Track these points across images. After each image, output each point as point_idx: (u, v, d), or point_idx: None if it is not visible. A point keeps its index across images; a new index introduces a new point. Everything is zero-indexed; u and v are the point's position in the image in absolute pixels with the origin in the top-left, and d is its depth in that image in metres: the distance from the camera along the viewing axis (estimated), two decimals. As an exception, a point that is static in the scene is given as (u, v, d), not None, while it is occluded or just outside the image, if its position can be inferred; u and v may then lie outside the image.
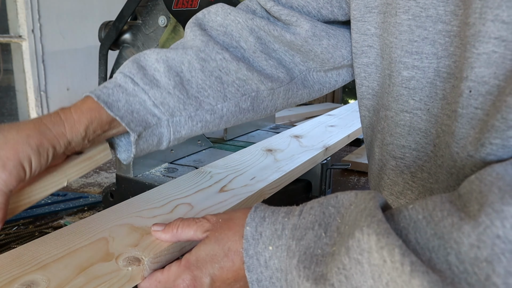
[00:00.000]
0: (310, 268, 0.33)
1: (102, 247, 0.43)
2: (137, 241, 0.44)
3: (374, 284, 0.29)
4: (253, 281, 0.36)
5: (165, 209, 0.53)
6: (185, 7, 0.78)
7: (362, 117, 0.56)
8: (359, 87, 0.54)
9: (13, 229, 0.76)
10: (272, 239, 0.36)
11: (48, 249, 0.42)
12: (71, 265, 0.39)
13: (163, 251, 0.43)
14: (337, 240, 0.33)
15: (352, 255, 0.30)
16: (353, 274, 0.30)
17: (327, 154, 0.85)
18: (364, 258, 0.30)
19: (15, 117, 2.38)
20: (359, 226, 0.31)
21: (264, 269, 0.35)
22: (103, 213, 0.51)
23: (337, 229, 0.34)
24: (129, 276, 0.39)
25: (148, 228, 0.47)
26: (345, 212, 0.34)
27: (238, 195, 0.59)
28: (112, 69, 0.94)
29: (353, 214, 0.33)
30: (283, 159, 0.75)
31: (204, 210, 0.53)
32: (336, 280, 0.31)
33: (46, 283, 0.36)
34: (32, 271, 0.38)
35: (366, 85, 0.53)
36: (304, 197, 0.82)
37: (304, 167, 0.76)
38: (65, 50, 2.46)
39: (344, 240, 0.32)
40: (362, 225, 0.31)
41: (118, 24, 0.85)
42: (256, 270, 0.36)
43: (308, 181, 0.83)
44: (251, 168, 0.69)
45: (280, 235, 0.35)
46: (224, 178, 0.64)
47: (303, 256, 0.33)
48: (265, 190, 0.63)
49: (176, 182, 0.62)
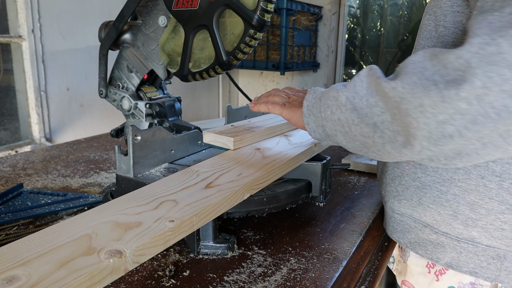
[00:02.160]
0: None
1: (85, 243, 0.44)
2: (120, 235, 0.45)
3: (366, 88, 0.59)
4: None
5: (150, 206, 0.53)
6: (185, 7, 0.78)
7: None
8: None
9: (13, 229, 0.76)
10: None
11: (31, 247, 0.43)
12: (53, 260, 0.40)
13: (146, 244, 0.44)
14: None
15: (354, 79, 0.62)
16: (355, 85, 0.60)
17: (317, 150, 0.85)
18: (358, 78, 0.60)
19: (15, 117, 2.38)
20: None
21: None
22: (88, 213, 0.52)
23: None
24: (110, 268, 0.41)
25: (132, 224, 0.48)
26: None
27: (224, 190, 0.59)
28: (112, 69, 0.94)
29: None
30: (270, 156, 0.76)
31: (188, 205, 0.54)
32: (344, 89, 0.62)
33: (26, 278, 0.38)
34: (14, 267, 0.39)
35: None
36: (304, 197, 0.83)
37: (294, 162, 0.76)
38: (65, 50, 2.46)
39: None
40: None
41: (118, 24, 0.85)
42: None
43: (308, 181, 0.83)
44: (238, 166, 0.69)
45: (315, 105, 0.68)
46: (210, 176, 0.65)
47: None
48: (251, 185, 0.64)
49: (163, 181, 0.62)
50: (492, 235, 0.64)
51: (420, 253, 0.73)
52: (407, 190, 0.72)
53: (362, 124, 0.59)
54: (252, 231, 0.78)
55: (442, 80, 0.49)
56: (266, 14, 0.72)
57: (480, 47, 0.46)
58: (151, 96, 0.93)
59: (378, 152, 0.61)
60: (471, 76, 0.46)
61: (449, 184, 0.66)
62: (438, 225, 0.68)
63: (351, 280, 0.65)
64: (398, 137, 0.56)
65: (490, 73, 0.45)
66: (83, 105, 2.62)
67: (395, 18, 4.35)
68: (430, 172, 0.68)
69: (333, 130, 0.64)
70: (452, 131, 0.50)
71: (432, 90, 0.49)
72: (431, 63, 0.51)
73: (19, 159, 1.22)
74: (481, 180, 0.63)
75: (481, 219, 0.64)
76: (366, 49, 4.28)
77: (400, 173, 0.73)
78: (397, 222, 0.76)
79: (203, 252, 0.69)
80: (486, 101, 0.47)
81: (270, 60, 3.36)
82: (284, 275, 0.64)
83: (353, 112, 0.59)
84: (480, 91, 0.46)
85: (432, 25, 0.68)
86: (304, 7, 3.36)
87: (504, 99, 0.46)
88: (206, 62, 0.79)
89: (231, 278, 0.62)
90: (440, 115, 0.50)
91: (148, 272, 0.64)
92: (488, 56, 0.46)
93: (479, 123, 0.48)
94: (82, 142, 1.46)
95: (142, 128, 0.86)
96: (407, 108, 0.52)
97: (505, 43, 0.45)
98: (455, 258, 0.68)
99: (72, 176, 1.08)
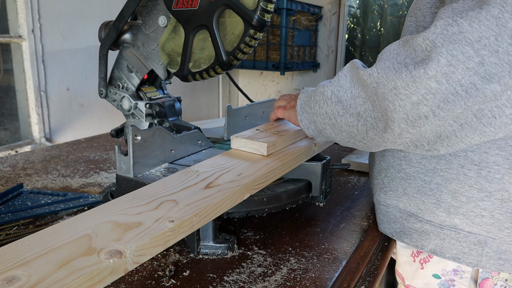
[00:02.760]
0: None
1: (85, 243, 0.44)
2: (120, 236, 0.45)
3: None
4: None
5: (150, 206, 0.53)
6: (185, 7, 0.78)
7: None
8: None
9: (13, 229, 0.76)
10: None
11: (31, 247, 0.43)
12: (53, 260, 0.40)
13: (146, 244, 0.44)
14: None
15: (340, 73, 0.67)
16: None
17: (317, 150, 0.85)
18: (342, 73, 0.66)
19: (15, 117, 2.38)
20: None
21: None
22: (88, 213, 0.52)
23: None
24: (110, 268, 0.41)
25: (132, 224, 0.48)
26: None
27: (224, 190, 0.59)
28: (112, 69, 0.94)
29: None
30: (270, 155, 0.75)
31: (189, 205, 0.54)
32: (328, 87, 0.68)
33: (27, 278, 0.38)
34: (14, 267, 0.39)
35: None
36: (304, 197, 0.83)
37: (294, 162, 0.76)
38: (65, 50, 2.46)
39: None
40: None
41: (118, 24, 0.85)
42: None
43: (308, 181, 0.83)
44: (238, 166, 0.69)
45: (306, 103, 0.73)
46: (210, 176, 0.65)
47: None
48: (251, 185, 0.64)
49: (162, 181, 0.62)
50: (473, 221, 0.66)
51: (406, 241, 0.74)
52: (393, 182, 0.74)
53: (347, 115, 0.64)
54: (252, 231, 0.78)
55: (412, 62, 0.54)
56: (266, 14, 0.72)
57: (443, 27, 0.51)
58: (151, 96, 0.93)
59: (363, 141, 0.65)
60: (437, 55, 0.51)
61: (432, 174, 0.68)
62: (422, 214, 0.70)
63: (351, 280, 0.65)
64: (379, 123, 0.60)
65: (454, 51, 0.50)
66: (83, 105, 2.62)
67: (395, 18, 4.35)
68: (414, 163, 0.70)
69: (322, 124, 0.70)
70: (427, 111, 0.54)
71: (403, 72, 0.54)
72: (404, 49, 0.56)
73: (19, 159, 1.22)
74: (461, 169, 0.65)
75: (462, 206, 0.66)
76: (366, 49, 4.28)
77: (386, 166, 0.75)
78: (383, 213, 0.78)
79: (203, 252, 0.69)
80: (453, 79, 0.50)
81: (270, 60, 3.36)
82: (284, 275, 0.64)
83: (338, 104, 0.65)
84: (446, 69, 0.50)
85: (413, 26, 0.70)
86: (304, 7, 3.36)
87: (470, 76, 0.50)
88: (206, 62, 0.79)
89: (231, 278, 0.62)
90: (414, 96, 0.54)
91: (148, 272, 0.64)
92: (451, 36, 0.50)
93: (450, 102, 0.52)
94: (82, 142, 1.46)
95: (142, 128, 0.86)
96: (383, 92, 0.57)
97: (465, 23, 0.49)
98: (438, 245, 0.70)
99: (72, 176, 1.08)
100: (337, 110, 0.65)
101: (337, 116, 0.66)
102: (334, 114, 0.66)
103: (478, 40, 0.48)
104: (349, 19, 3.89)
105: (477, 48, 0.48)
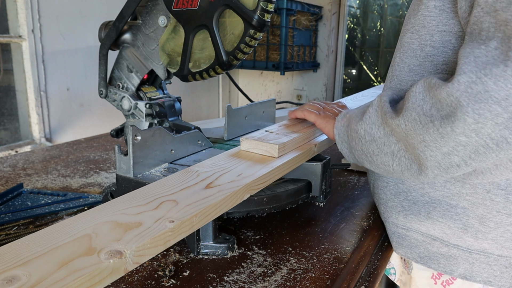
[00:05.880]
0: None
1: (85, 243, 0.44)
2: (120, 236, 0.45)
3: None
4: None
5: (150, 206, 0.53)
6: (185, 7, 0.78)
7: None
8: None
9: (13, 229, 0.76)
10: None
11: (31, 247, 0.43)
12: (53, 260, 0.40)
13: (146, 244, 0.44)
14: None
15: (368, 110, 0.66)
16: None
17: (317, 150, 0.85)
18: (373, 109, 0.64)
19: (15, 117, 2.38)
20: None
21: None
22: (87, 212, 0.52)
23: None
24: (111, 268, 0.41)
25: (132, 224, 0.48)
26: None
27: (224, 190, 0.59)
28: (112, 69, 0.94)
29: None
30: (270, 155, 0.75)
31: (189, 205, 0.54)
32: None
33: (27, 278, 0.38)
34: (14, 267, 0.39)
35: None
36: (304, 197, 0.82)
37: (293, 163, 0.76)
38: (65, 50, 2.46)
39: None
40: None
41: (118, 24, 0.85)
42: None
43: (308, 181, 0.83)
44: (239, 166, 0.69)
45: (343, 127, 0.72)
46: (211, 176, 0.65)
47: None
48: (251, 185, 0.64)
49: (162, 181, 0.62)
50: (503, 245, 0.65)
51: (433, 267, 0.72)
52: (415, 205, 0.72)
53: (381, 154, 0.63)
54: (252, 231, 0.78)
55: (438, 116, 0.53)
56: (266, 14, 0.72)
57: (467, 85, 0.49)
58: (151, 96, 0.93)
59: (401, 178, 0.66)
60: (463, 115, 0.50)
61: (458, 198, 0.67)
62: (448, 238, 0.69)
63: (351, 280, 0.65)
64: (413, 165, 0.60)
65: (480, 110, 0.49)
66: (83, 105, 2.62)
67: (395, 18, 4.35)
68: (438, 187, 0.69)
69: (359, 158, 0.69)
70: (458, 161, 0.54)
71: (430, 127, 0.54)
72: (429, 95, 0.55)
73: (19, 159, 1.22)
74: (487, 194, 0.64)
75: (491, 232, 0.65)
76: (366, 49, 4.28)
77: (406, 189, 0.73)
78: (402, 237, 0.76)
79: (203, 252, 0.69)
80: (483, 133, 0.50)
81: (270, 60, 3.36)
82: (284, 275, 0.64)
83: (372, 143, 0.64)
84: (474, 126, 0.50)
85: (416, 43, 0.68)
86: (304, 7, 3.36)
87: (500, 130, 0.49)
88: (206, 62, 0.79)
89: (231, 278, 0.62)
90: (444, 148, 0.54)
91: (148, 272, 0.64)
92: (476, 95, 0.49)
93: (481, 153, 0.52)
94: (82, 142, 1.46)
95: (142, 128, 0.86)
96: (413, 143, 0.57)
97: (490, 82, 0.48)
98: (468, 269, 0.68)
99: (72, 176, 1.08)
100: (372, 149, 0.64)
101: (372, 155, 0.65)
102: (370, 153, 0.65)
103: (505, 98, 0.47)
104: (349, 19, 3.89)
105: (505, 106, 0.48)
